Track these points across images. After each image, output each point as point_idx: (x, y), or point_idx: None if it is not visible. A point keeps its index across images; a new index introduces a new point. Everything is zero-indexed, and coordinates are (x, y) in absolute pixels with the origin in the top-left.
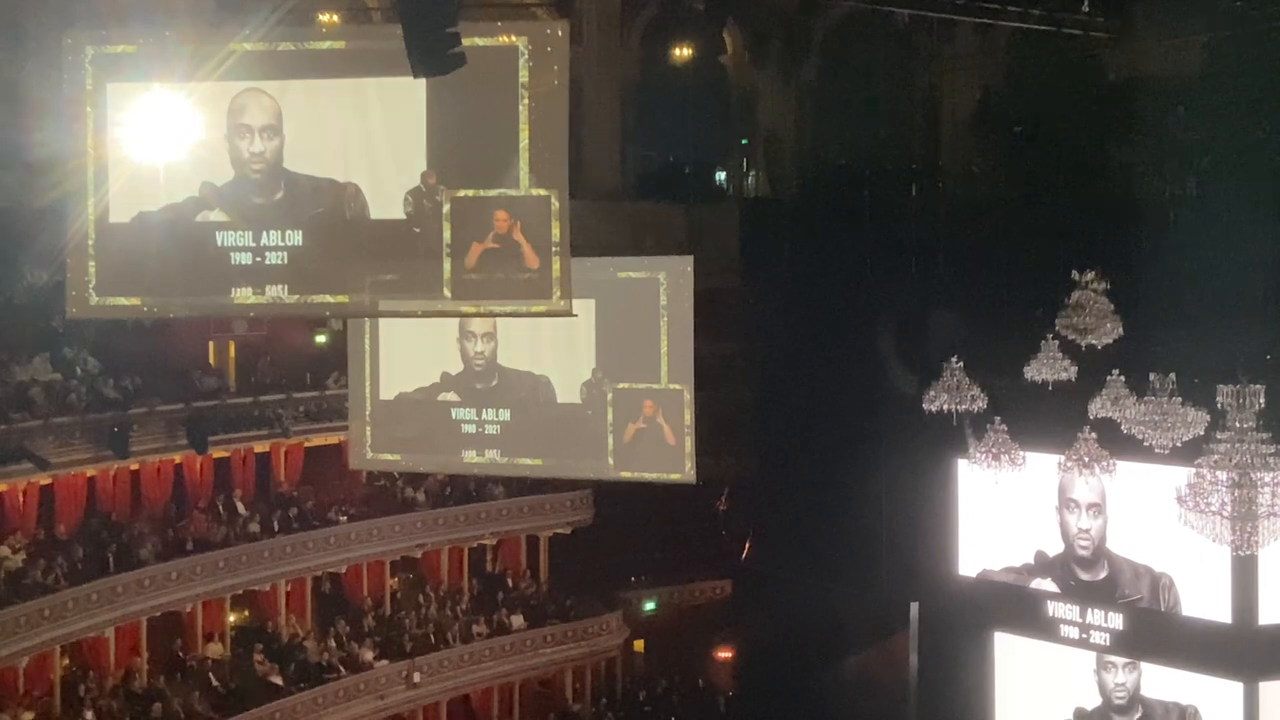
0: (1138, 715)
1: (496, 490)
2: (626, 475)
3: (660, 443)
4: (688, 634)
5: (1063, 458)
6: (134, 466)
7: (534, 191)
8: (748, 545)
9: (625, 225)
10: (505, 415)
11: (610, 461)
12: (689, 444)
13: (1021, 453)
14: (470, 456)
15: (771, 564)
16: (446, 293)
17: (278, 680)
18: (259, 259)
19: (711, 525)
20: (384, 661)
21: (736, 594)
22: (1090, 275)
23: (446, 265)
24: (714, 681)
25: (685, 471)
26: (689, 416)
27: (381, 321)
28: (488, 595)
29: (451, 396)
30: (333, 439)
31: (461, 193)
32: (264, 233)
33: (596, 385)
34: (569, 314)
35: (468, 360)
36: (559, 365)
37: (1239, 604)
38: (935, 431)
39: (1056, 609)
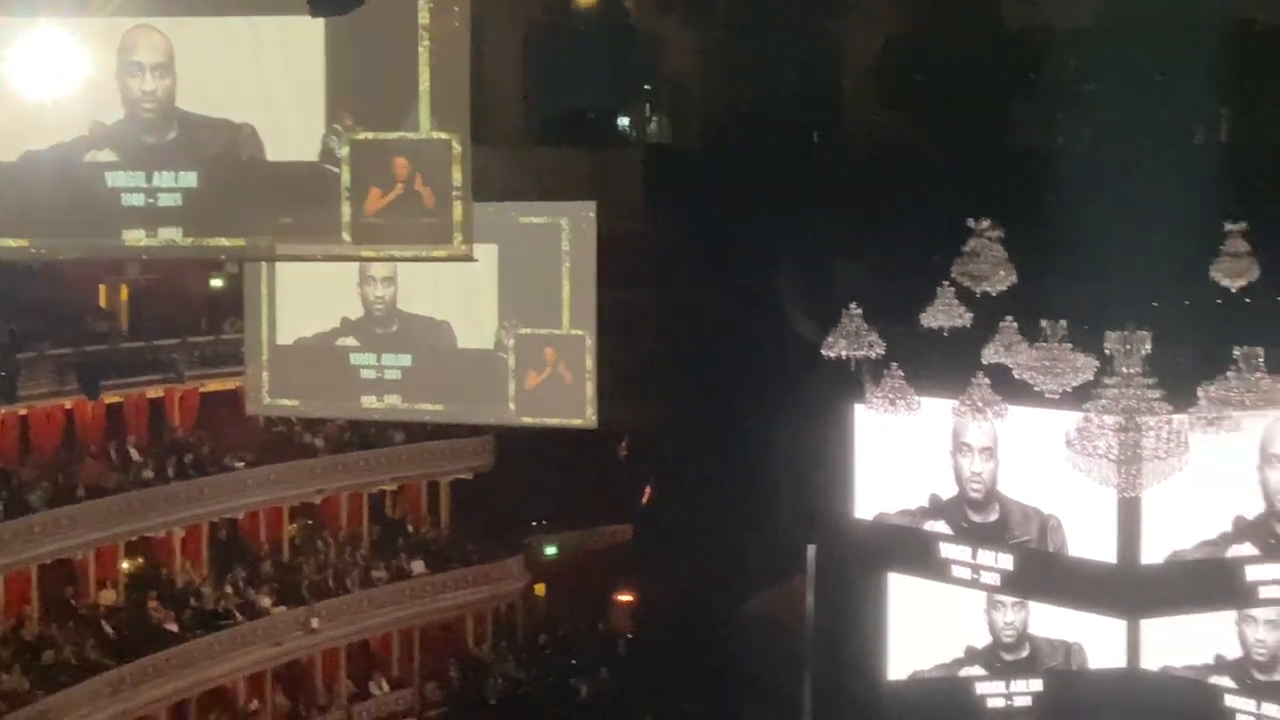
0: (1025, 653)
1: (397, 436)
2: (528, 420)
3: (561, 388)
4: (589, 578)
5: (957, 403)
6: (22, 412)
7: (434, 135)
8: (648, 490)
9: (528, 171)
10: (406, 360)
11: (511, 407)
12: (590, 389)
13: (917, 398)
14: (370, 402)
15: (672, 508)
16: (345, 237)
17: (173, 627)
18: (151, 200)
19: (613, 470)
20: (282, 608)
21: (637, 538)
22: (986, 223)
23: (345, 209)
24: (614, 624)
25: (586, 417)
26: (590, 362)
27: (279, 265)
28: (387, 541)
29: (351, 342)
30: (229, 384)
31: (361, 135)
32: (156, 173)
33: (498, 331)
34: (470, 259)
35: (368, 305)
36: (460, 311)
37: (1123, 545)
38: (833, 377)
39: (949, 550)
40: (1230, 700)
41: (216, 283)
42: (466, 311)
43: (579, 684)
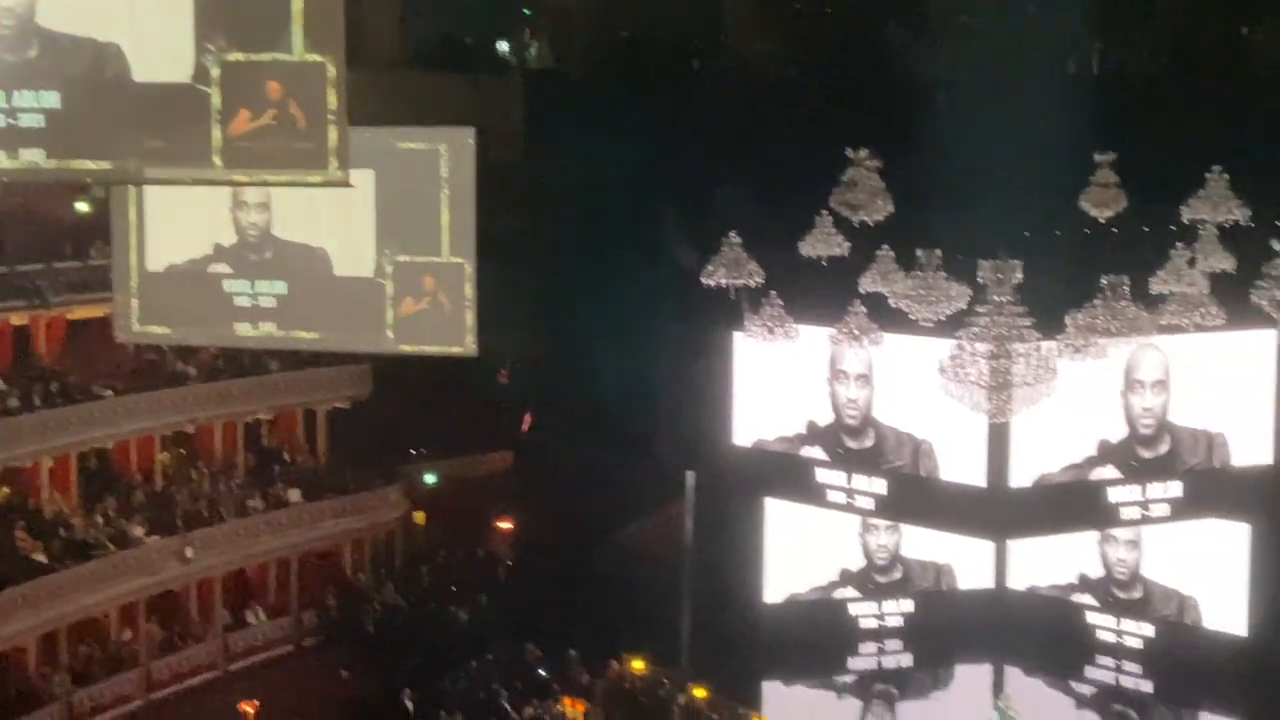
0: (898, 575)
1: (272, 364)
2: (407, 349)
3: (441, 316)
4: (468, 505)
5: (834, 330)
6: None
7: (309, 58)
8: (528, 418)
9: (405, 96)
10: (281, 288)
11: (390, 335)
12: (470, 318)
13: (795, 326)
14: (244, 330)
15: (552, 436)
16: (217, 161)
17: (41, 558)
18: (12, 121)
19: (493, 398)
20: (155, 537)
21: (517, 466)
22: (864, 153)
23: (216, 132)
24: (494, 551)
25: (466, 345)
26: (470, 290)
27: (148, 190)
28: (263, 470)
29: (224, 268)
30: (98, 311)
31: (232, 57)
32: (16, 93)
33: (376, 258)
34: (346, 185)
35: (241, 231)
36: (337, 238)
37: (992, 469)
38: (713, 305)
39: (824, 475)
40: (1092, 617)
41: (82, 207)
42: (343, 238)
43: (458, 610)
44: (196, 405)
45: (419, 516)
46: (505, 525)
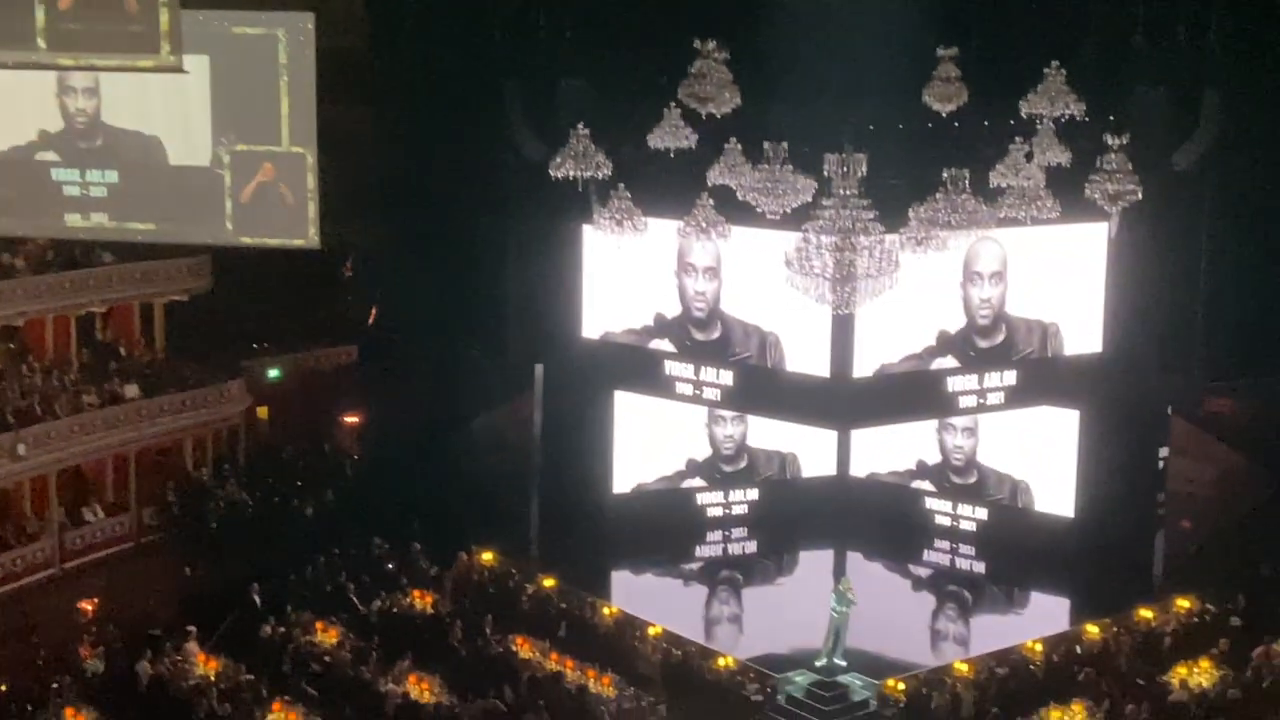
0: (743, 464)
1: (105, 256)
2: (247, 240)
3: (281, 207)
4: (313, 400)
5: (682, 223)
6: None
7: None
8: (373, 311)
9: None
10: (112, 177)
11: (229, 226)
12: (312, 209)
13: (644, 218)
14: (74, 220)
15: (399, 329)
16: (40, 43)
17: None
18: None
19: (337, 291)
20: None
21: (363, 360)
22: (711, 44)
23: (39, 12)
24: (340, 446)
25: (309, 237)
26: (312, 181)
27: None
28: (99, 365)
29: (51, 156)
30: None
31: None
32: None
33: (213, 147)
34: (179, 70)
35: (68, 118)
36: (171, 125)
37: (836, 360)
38: (561, 198)
39: (673, 368)
40: (929, 503)
41: None
42: (178, 126)
43: (304, 505)
44: (25, 299)
45: (262, 412)
46: (351, 420)
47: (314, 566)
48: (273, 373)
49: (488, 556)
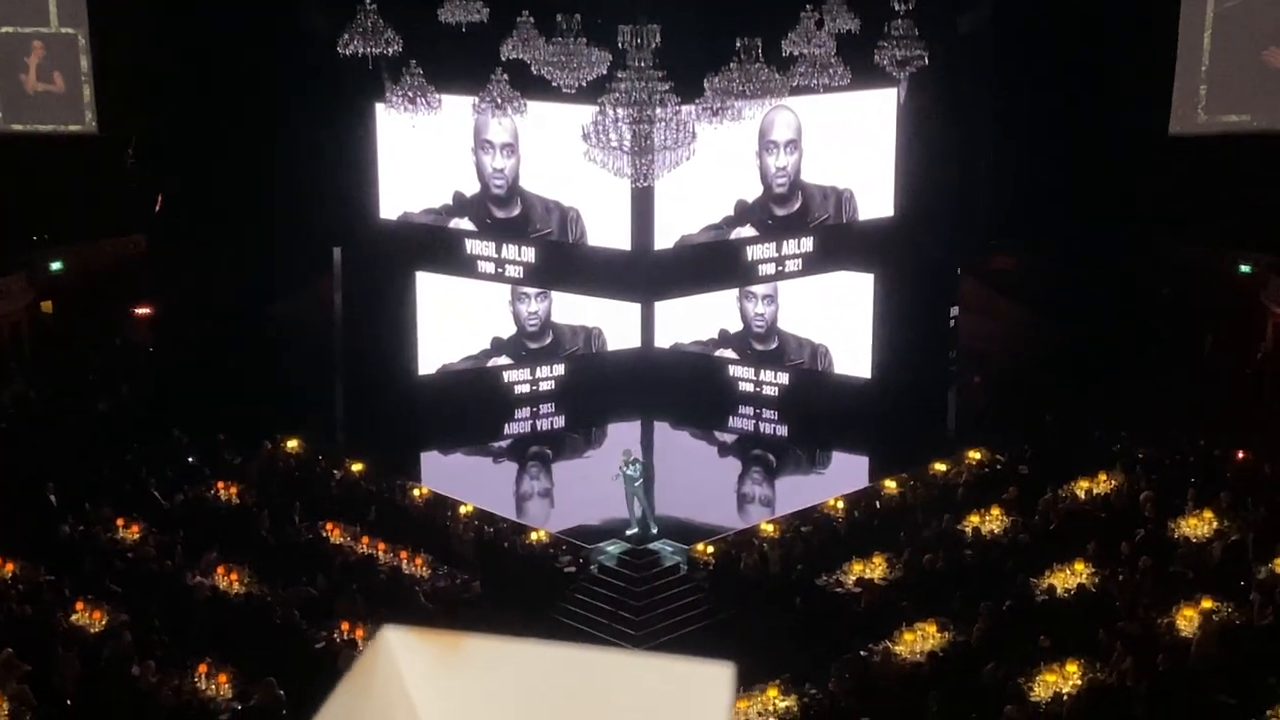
0: (548, 340)
1: None
2: (19, 128)
3: (55, 92)
4: (102, 292)
5: (477, 99)
6: None
7: None
8: (160, 199)
9: None
10: None
11: None
12: (88, 94)
13: (437, 96)
14: None
15: (188, 216)
16: None
17: None
18: None
19: (121, 179)
20: None
21: (152, 248)
22: None
23: None
24: (133, 338)
25: (86, 122)
26: (86, 64)
27: None
28: None
29: None
30: None
31: None
32: None
33: None
34: None
35: None
36: None
37: (637, 233)
38: (351, 76)
39: (474, 246)
40: (733, 370)
41: None
42: None
43: (98, 401)
44: None
45: (46, 306)
46: (143, 311)
47: (112, 462)
48: (55, 265)
49: (293, 444)
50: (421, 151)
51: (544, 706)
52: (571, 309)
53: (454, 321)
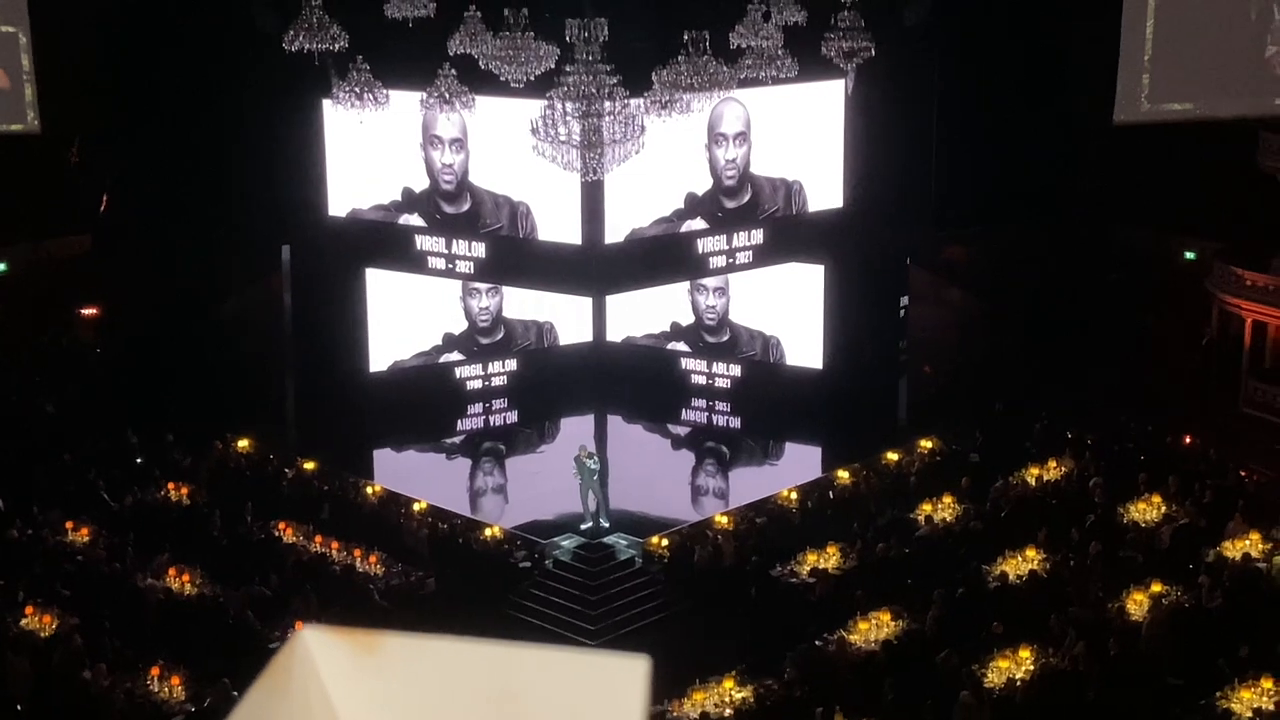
0: (500, 335)
1: None
2: None
3: None
4: (47, 293)
5: (424, 95)
6: None
7: None
8: (105, 198)
9: None
10: None
11: None
12: (30, 92)
13: (385, 91)
14: None
15: (134, 215)
16: None
17: None
18: None
19: (66, 178)
20: None
21: (98, 248)
22: None
23: None
24: (80, 339)
25: (28, 122)
26: (27, 61)
27: None
28: None
29: None
30: None
31: None
32: None
33: None
34: None
35: None
36: None
37: (587, 227)
38: (297, 72)
39: (424, 242)
40: (685, 363)
41: None
42: None
43: (45, 403)
44: None
45: None
46: (90, 312)
47: (60, 464)
48: None
49: (244, 443)
50: (370, 147)
51: (462, 703)
52: (523, 304)
53: (405, 318)
